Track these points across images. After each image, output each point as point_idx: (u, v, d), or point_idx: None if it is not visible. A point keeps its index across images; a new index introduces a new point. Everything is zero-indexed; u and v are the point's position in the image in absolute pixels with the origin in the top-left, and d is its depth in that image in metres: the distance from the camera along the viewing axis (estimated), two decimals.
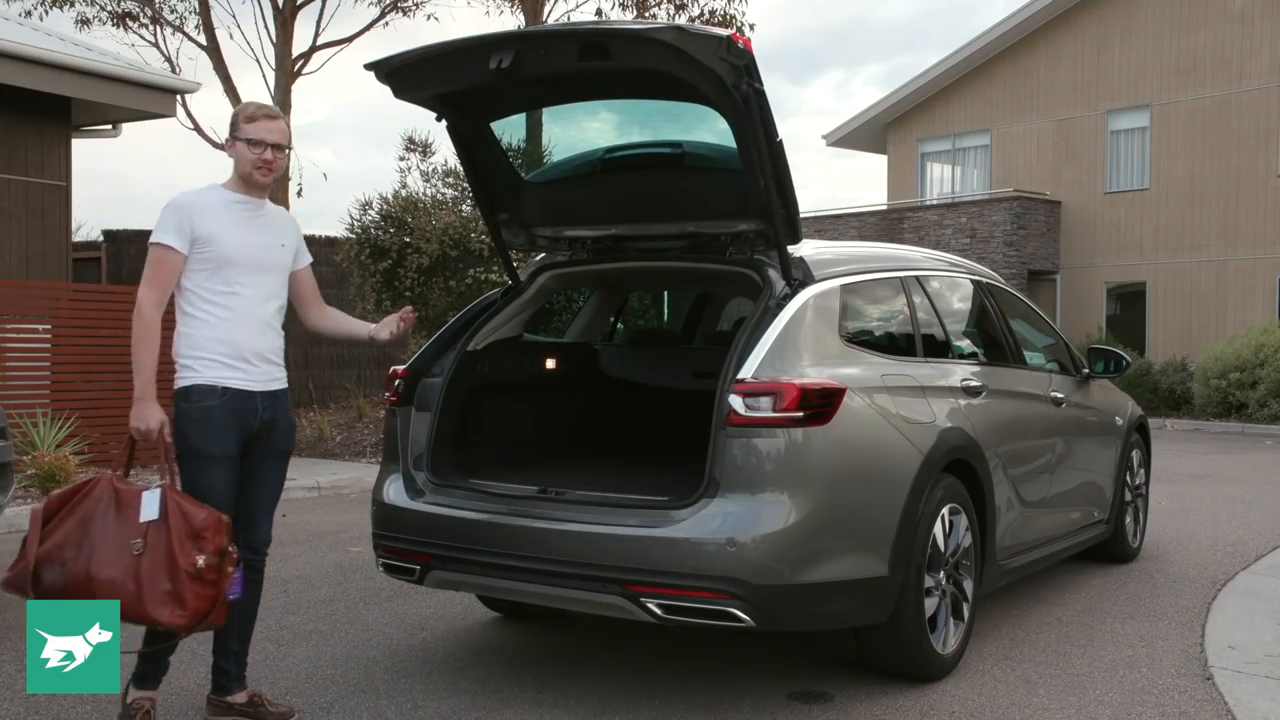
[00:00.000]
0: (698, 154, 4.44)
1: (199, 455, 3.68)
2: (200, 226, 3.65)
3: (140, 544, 3.47)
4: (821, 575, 3.81)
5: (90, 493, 3.62)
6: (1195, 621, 5.25)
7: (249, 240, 3.73)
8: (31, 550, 3.54)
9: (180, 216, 3.66)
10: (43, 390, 9.62)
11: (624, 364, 5.81)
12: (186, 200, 3.71)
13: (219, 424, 3.67)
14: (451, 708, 3.99)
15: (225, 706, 3.86)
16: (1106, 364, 6.36)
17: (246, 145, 3.74)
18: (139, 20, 21.28)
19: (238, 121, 3.77)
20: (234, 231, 3.70)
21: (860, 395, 4.01)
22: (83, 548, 3.53)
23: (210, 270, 3.67)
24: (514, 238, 4.89)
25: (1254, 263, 20.19)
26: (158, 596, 3.46)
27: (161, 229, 3.66)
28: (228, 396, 3.68)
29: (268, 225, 3.83)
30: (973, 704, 4.08)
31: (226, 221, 3.70)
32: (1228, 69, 20.48)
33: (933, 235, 22.22)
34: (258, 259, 3.75)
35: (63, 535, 3.57)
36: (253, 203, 3.80)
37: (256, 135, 3.73)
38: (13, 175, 11.32)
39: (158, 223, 3.68)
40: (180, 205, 3.68)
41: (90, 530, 3.54)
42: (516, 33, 4.12)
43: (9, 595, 3.70)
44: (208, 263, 3.67)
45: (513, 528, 4.04)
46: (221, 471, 3.69)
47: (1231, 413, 17.50)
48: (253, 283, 3.73)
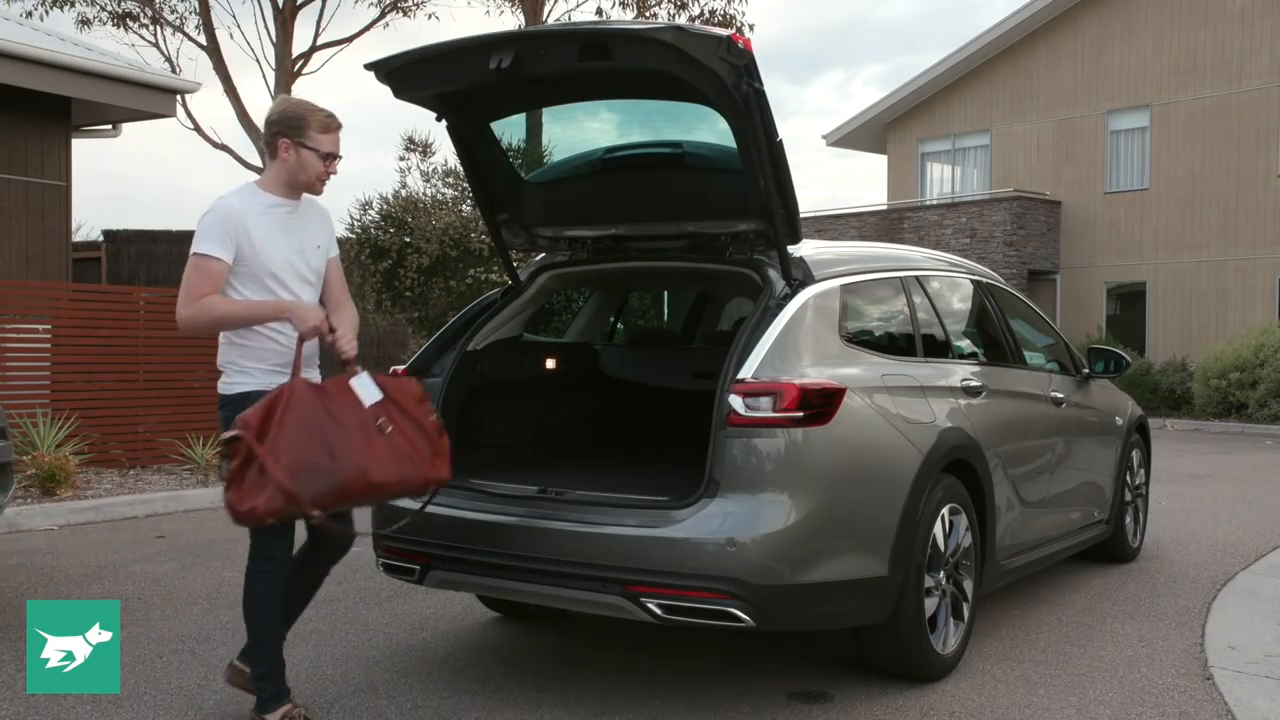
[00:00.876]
0: (698, 154, 4.44)
1: None
2: (244, 236, 3.57)
3: (385, 423, 3.48)
4: (821, 575, 3.81)
5: (291, 401, 3.42)
6: (1195, 621, 5.26)
7: (290, 246, 3.68)
8: (273, 469, 3.30)
9: (225, 225, 3.56)
10: (43, 390, 9.62)
11: (624, 364, 5.81)
12: (229, 207, 3.60)
13: None
14: (451, 708, 3.99)
15: (248, 676, 3.81)
16: (1106, 364, 6.36)
17: (316, 155, 3.65)
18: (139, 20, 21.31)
19: (306, 128, 3.63)
20: (276, 240, 3.64)
21: (860, 395, 4.01)
22: (332, 449, 3.38)
23: (255, 280, 3.62)
24: (514, 238, 4.89)
25: (1254, 263, 20.19)
26: (429, 461, 3.59)
27: (206, 238, 3.55)
28: None
29: (305, 226, 3.76)
30: (973, 704, 4.08)
31: (269, 229, 3.63)
32: (1228, 69, 20.49)
33: (933, 235, 22.23)
34: (299, 266, 3.72)
35: (294, 445, 3.35)
36: (291, 204, 3.73)
37: (329, 148, 3.67)
38: (13, 175, 11.33)
39: (201, 231, 3.58)
40: (224, 213, 3.58)
41: (324, 431, 3.40)
42: (516, 33, 4.12)
43: (10, 593, 3.69)
44: (250, 273, 3.61)
45: (513, 528, 4.04)
46: None
47: (1231, 413, 17.50)
48: (296, 288, 3.70)
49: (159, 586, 5.87)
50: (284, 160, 3.66)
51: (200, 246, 3.56)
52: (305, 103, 3.74)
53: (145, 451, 10.16)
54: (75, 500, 8.24)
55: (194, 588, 5.84)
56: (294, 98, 3.80)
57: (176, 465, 9.99)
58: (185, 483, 9.34)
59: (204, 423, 10.50)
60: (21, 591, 5.63)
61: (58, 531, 7.62)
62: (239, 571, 6.19)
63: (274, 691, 3.67)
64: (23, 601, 5.16)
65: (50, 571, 6.21)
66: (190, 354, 10.71)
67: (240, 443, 3.36)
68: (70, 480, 8.45)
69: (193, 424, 10.33)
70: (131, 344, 10.29)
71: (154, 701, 4.05)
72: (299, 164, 3.66)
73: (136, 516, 8.25)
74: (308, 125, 3.64)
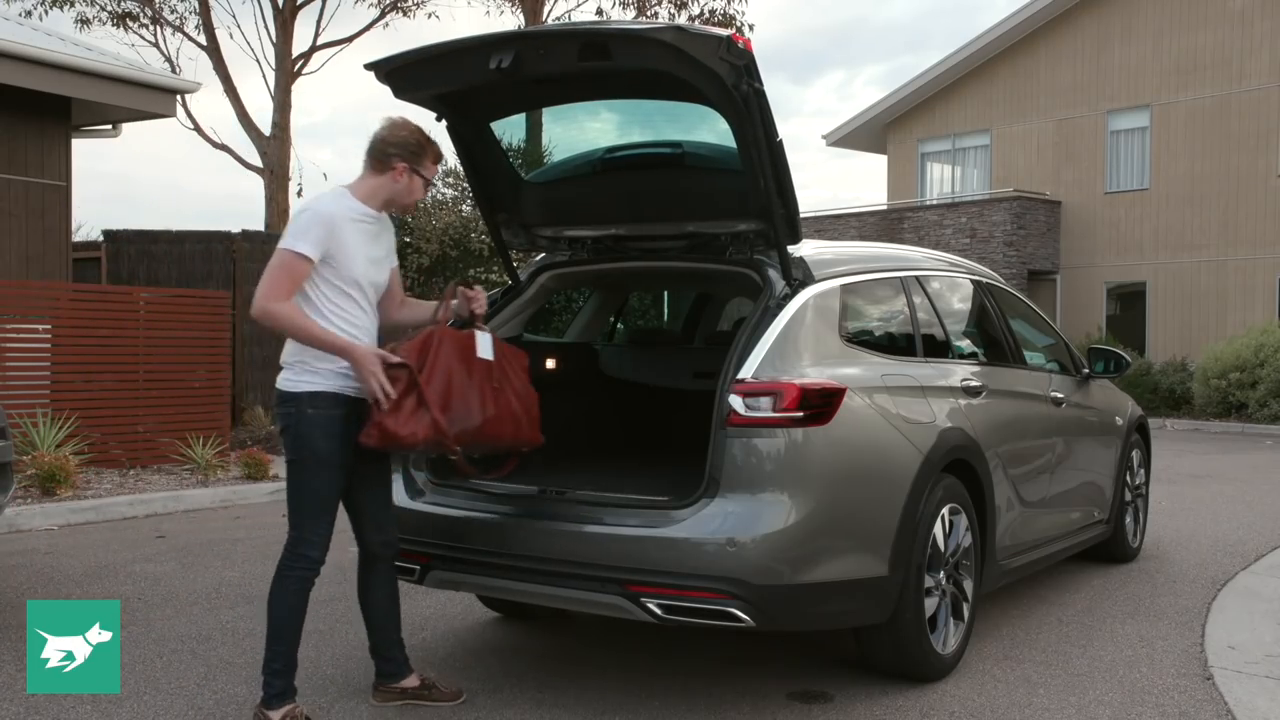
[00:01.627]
0: (698, 154, 4.43)
1: (326, 463, 3.71)
2: (335, 243, 3.67)
3: (498, 379, 3.85)
4: (821, 575, 3.81)
5: (442, 344, 3.77)
6: (1195, 621, 5.26)
7: (370, 258, 3.81)
8: (431, 400, 3.64)
9: (321, 227, 3.66)
10: (43, 390, 9.62)
11: (624, 364, 5.81)
12: (328, 211, 3.70)
13: (346, 434, 3.71)
14: (452, 708, 3.99)
15: (399, 692, 3.99)
16: (1106, 364, 6.36)
17: (423, 184, 3.86)
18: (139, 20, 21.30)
19: (424, 158, 3.82)
20: (360, 251, 3.76)
21: (860, 395, 4.01)
22: (468, 394, 3.78)
23: (335, 285, 3.71)
24: (514, 238, 4.89)
25: (1254, 263, 20.19)
26: (529, 421, 4.00)
27: (301, 237, 3.63)
28: (349, 406, 3.73)
29: (380, 238, 3.89)
30: (973, 704, 4.08)
31: (356, 239, 3.74)
32: (1228, 69, 20.49)
33: (933, 235, 22.23)
34: (374, 277, 3.84)
35: (443, 384, 3.72)
36: (378, 218, 3.86)
37: (433, 176, 3.90)
38: (13, 175, 11.32)
39: (296, 228, 3.66)
40: (323, 217, 3.67)
41: (464, 377, 3.79)
42: (516, 33, 4.11)
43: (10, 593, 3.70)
44: (336, 278, 3.70)
45: (513, 528, 4.05)
46: (340, 479, 3.77)
47: (1231, 413, 17.50)
48: (369, 297, 3.83)
49: (159, 586, 5.87)
50: (395, 181, 3.81)
51: (293, 244, 3.64)
52: (423, 132, 3.90)
53: (145, 451, 10.16)
54: (75, 500, 8.24)
55: (194, 588, 5.84)
56: (412, 123, 3.92)
57: (176, 465, 9.99)
58: (185, 483, 9.34)
59: (204, 423, 10.51)
60: (21, 591, 5.63)
61: (58, 531, 7.62)
62: (239, 571, 6.23)
63: (281, 689, 3.73)
64: (23, 601, 5.16)
65: (50, 571, 6.21)
66: (190, 354, 10.72)
67: (406, 371, 3.65)
68: (70, 480, 8.45)
69: (193, 424, 10.33)
70: (131, 344, 10.29)
71: (154, 701, 4.05)
72: (408, 189, 3.83)
73: (136, 516, 8.25)
74: (426, 155, 3.82)
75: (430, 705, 3.98)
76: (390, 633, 4.03)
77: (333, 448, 3.70)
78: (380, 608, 4.01)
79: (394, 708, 3.97)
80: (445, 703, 3.99)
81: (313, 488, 3.71)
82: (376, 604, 4.01)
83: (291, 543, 3.76)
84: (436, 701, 3.98)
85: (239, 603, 5.52)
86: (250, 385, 13.92)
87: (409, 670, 4.05)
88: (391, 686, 4.02)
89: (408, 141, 3.79)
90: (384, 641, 4.03)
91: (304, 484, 3.72)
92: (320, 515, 3.73)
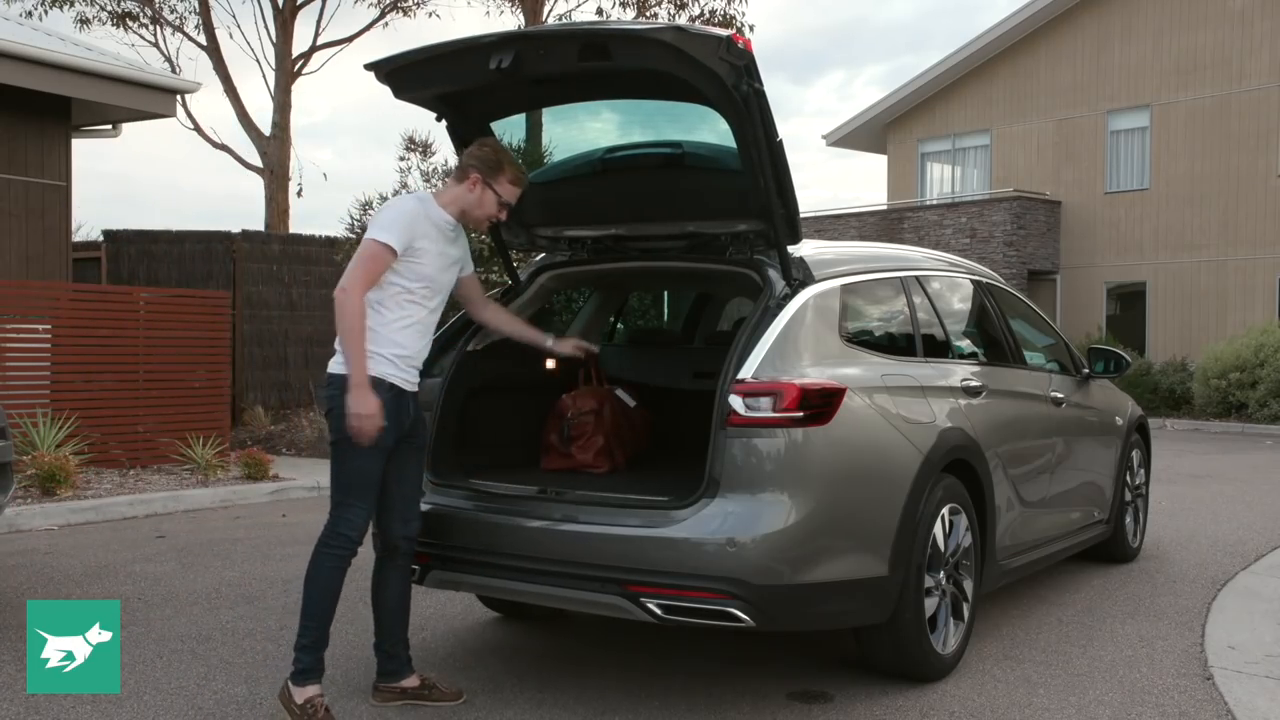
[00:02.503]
0: (698, 154, 4.43)
1: (369, 444, 3.79)
2: (420, 239, 3.84)
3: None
4: (821, 575, 3.81)
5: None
6: (1195, 621, 5.26)
7: (445, 262, 3.97)
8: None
9: (410, 223, 3.83)
10: (43, 390, 9.62)
11: (624, 364, 5.81)
12: (416, 209, 3.88)
13: (390, 417, 3.81)
14: (452, 708, 3.99)
15: (399, 691, 4.03)
16: (1106, 364, 6.36)
17: (496, 201, 3.99)
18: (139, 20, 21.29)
19: (499, 175, 3.96)
20: (438, 253, 3.92)
21: (860, 395, 4.01)
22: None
23: (407, 279, 3.85)
24: (514, 238, 4.89)
25: (1254, 263, 20.19)
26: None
27: (389, 229, 3.79)
28: (394, 393, 3.84)
29: (454, 244, 4.03)
30: (973, 704, 4.08)
31: (437, 241, 3.92)
32: (1228, 69, 20.49)
33: (933, 235, 22.23)
34: (444, 280, 4.00)
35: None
36: (455, 225, 4.03)
37: (509, 199, 4.02)
38: (13, 175, 11.32)
39: (384, 220, 3.82)
40: (411, 213, 3.86)
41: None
42: (516, 33, 4.11)
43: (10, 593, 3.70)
44: (409, 273, 3.84)
45: (513, 528, 4.05)
46: (380, 461, 3.85)
47: (1231, 413, 17.50)
48: (434, 298, 3.97)
49: (159, 586, 5.87)
50: (469, 192, 3.99)
51: (380, 234, 3.79)
52: (505, 151, 4.09)
53: (145, 451, 10.16)
54: (75, 500, 8.24)
55: (194, 588, 5.84)
56: (499, 144, 4.18)
57: (176, 465, 9.99)
58: (185, 483, 9.34)
59: (204, 423, 10.51)
60: (21, 591, 5.63)
61: (58, 531, 7.62)
62: (239, 571, 6.23)
63: (309, 664, 3.81)
64: (23, 601, 5.17)
65: (50, 571, 6.21)
66: (190, 354, 10.72)
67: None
68: (70, 480, 8.45)
69: (193, 424, 10.34)
70: (131, 344, 10.29)
71: (154, 701, 4.05)
72: (479, 201, 3.99)
73: (136, 516, 8.25)
74: (502, 173, 3.97)
75: (430, 705, 3.98)
76: (399, 630, 4.06)
77: (380, 430, 3.77)
78: (392, 604, 4.05)
79: (394, 708, 3.98)
80: (446, 703, 4.00)
81: (353, 468, 3.81)
82: (389, 600, 4.04)
83: (331, 522, 3.86)
84: (436, 701, 4.00)
85: (239, 603, 5.52)
86: (250, 385, 13.93)
87: (410, 670, 4.07)
88: (392, 686, 4.03)
89: (487, 157, 3.99)
90: (390, 639, 4.05)
91: (344, 464, 3.83)
92: (360, 496, 3.83)
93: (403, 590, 4.07)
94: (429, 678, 4.09)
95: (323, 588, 3.83)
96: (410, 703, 4.00)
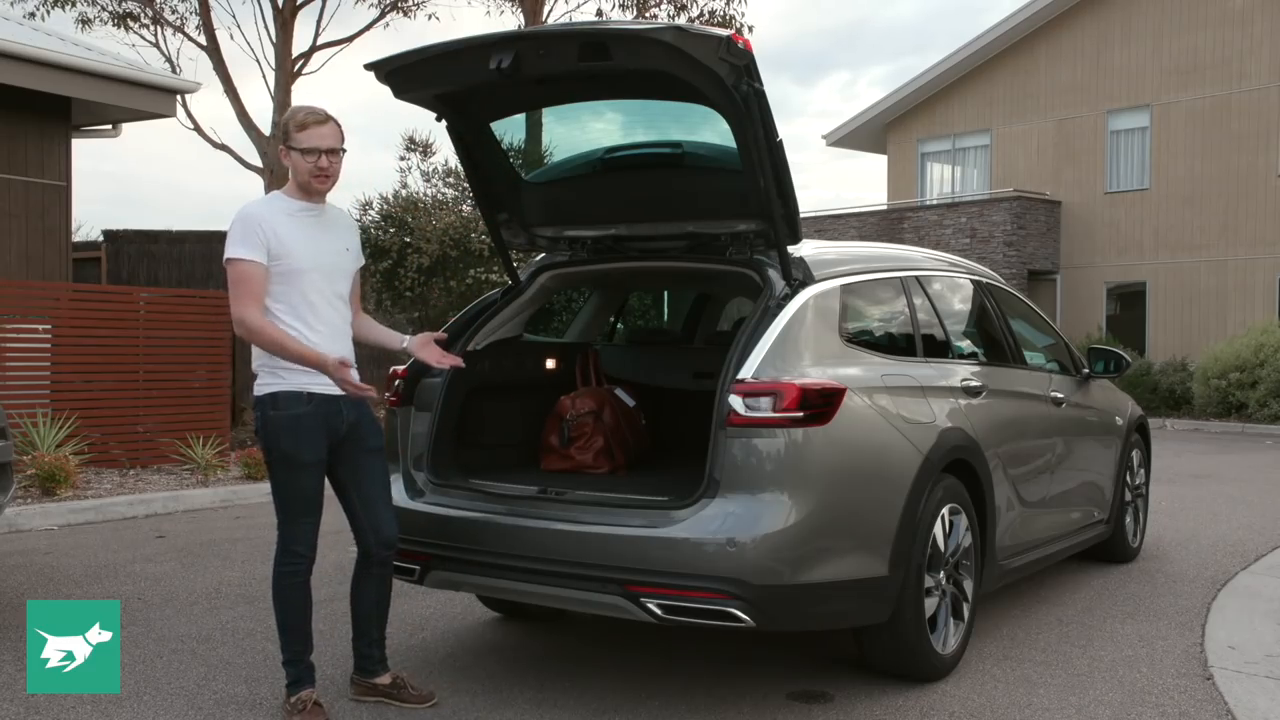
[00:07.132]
0: (698, 154, 4.43)
1: (291, 462, 3.76)
2: (273, 238, 3.71)
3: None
4: (821, 575, 3.81)
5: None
6: (1195, 621, 5.25)
7: (318, 248, 3.81)
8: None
9: (254, 228, 3.70)
10: (43, 390, 9.62)
11: (624, 364, 5.81)
12: (254, 212, 3.75)
13: (309, 430, 3.75)
14: (452, 708, 3.99)
15: (370, 688, 4.03)
16: (1106, 364, 6.36)
17: (301, 155, 3.76)
18: (139, 20, 21.26)
19: (288, 130, 3.77)
20: (303, 242, 3.77)
21: (860, 395, 4.01)
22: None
23: (285, 282, 3.74)
24: (514, 238, 4.89)
25: (1254, 263, 20.19)
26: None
27: (236, 244, 3.70)
28: (314, 402, 3.76)
29: (330, 229, 3.90)
30: (973, 704, 4.08)
31: (295, 232, 3.77)
32: (1228, 69, 20.48)
33: (933, 235, 22.22)
34: (327, 266, 3.84)
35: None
36: (315, 208, 3.87)
37: (310, 144, 3.76)
38: (13, 175, 11.32)
39: (231, 238, 3.72)
40: (250, 217, 3.73)
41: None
42: (516, 33, 4.11)
43: (10, 593, 3.70)
44: (283, 275, 3.73)
45: (513, 528, 4.05)
46: (313, 477, 3.80)
47: (1231, 413, 17.50)
48: (326, 290, 3.83)
49: (159, 586, 5.87)
50: (287, 164, 3.83)
51: (229, 252, 3.72)
52: (292, 107, 3.89)
53: (145, 451, 10.16)
54: (75, 500, 8.24)
55: (194, 588, 5.84)
56: (295, 106, 3.95)
57: (176, 465, 9.99)
58: (185, 483, 9.34)
59: (204, 423, 10.51)
60: (21, 591, 5.63)
61: (58, 531, 7.62)
62: (239, 571, 6.23)
63: (295, 676, 3.86)
64: (23, 601, 5.17)
65: (50, 571, 6.21)
66: (190, 354, 10.72)
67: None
68: (70, 480, 8.45)
69: (193, 424, 10.34)
70: (131, 344, 10.29)
71: (154, 701, 4.05)
72: (294, 165, 3.81)
73: (136, 516, 8.25)
74: (288, 127, 3.80)
75: (397, 705, 3.95)
76: (371, 632, 4.03)
77: (296, 445, 3.73)
78: (365, 608, 4.02)
79: (394, 709, 3.97)
80: (414, 705, 3.95)
81: (288, 487, 3.78)
82: (362, 603, 4.02)
83: (280, 541, 3.85)
84: (405, 702, 3.96)
85: (239, 603, 5.52)
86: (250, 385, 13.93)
87: (385, 669, 4.06)
88: (366, 681, 4.04)
89: (278, 125, 3.87)
90: (365, 639, 4.04)
91: (279, 484, 3.81)
92: (302, 512, 3.79)
93: (378, 596, 4.02)
94: (402, 677, 4.05)
95: (289, 605, 3.83)
96: (381, 700, 3.98)
